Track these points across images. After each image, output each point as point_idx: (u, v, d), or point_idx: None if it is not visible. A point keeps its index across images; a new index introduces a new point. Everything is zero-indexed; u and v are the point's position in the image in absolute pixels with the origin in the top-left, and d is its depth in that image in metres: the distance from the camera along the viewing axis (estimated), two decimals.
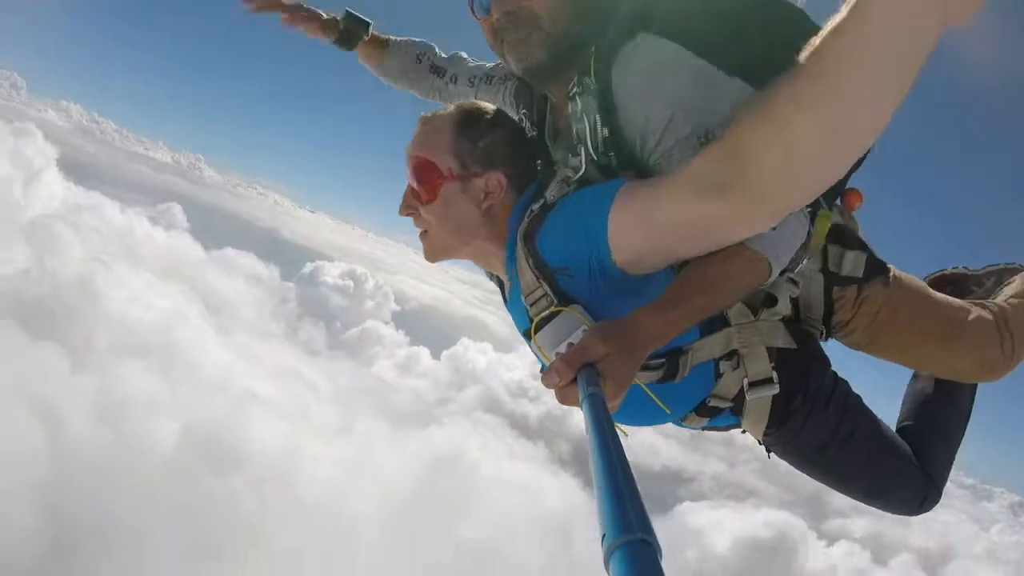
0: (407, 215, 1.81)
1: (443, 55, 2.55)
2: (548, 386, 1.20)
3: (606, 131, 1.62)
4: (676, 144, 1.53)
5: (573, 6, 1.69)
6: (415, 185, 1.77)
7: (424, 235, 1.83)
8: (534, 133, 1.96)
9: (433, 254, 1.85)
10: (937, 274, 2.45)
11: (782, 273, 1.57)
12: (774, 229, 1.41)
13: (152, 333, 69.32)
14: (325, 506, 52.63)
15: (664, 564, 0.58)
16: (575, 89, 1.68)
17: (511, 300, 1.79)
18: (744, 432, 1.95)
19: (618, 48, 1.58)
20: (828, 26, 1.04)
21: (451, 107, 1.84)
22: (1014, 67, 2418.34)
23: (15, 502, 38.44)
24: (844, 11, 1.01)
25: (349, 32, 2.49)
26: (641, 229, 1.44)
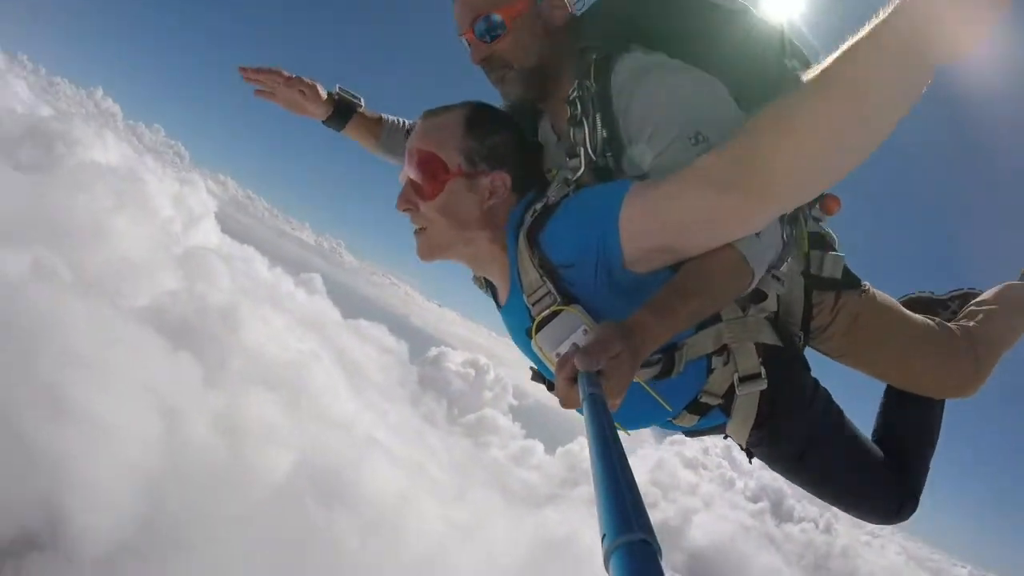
0: (405, 210, 1.72)
1: None
2: (581, 367, 1.17)
3: (605, 132, 1.64)
4: (669, 144, 1.54)
5: (535, 44, 1.76)
6: (418, 180, 1.69)
7: (421, 232, 1.73)
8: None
9: (429, 252, 1.75)
10: (904, 298, 2.46)
11: (769, 270, 1.61)
12: (758, 235, 1.43)
13: (285, 370, 68.66)
14: (429, 562, 48.36)
15: (664, 564, 0.57)
16: (575, 93, 1.69)
17: (509, 303, 1.73)
18: (727, 437, 1.88)
19: (615, 56, 1.65)
20: (840, 49, 1.15)
21: (458, 104, 1.78)
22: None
23: (121, 481, 37.55)
24: (856, 37, 1.13)
25: (344, 104, 2.37)
26: (652, 223, 1.44)
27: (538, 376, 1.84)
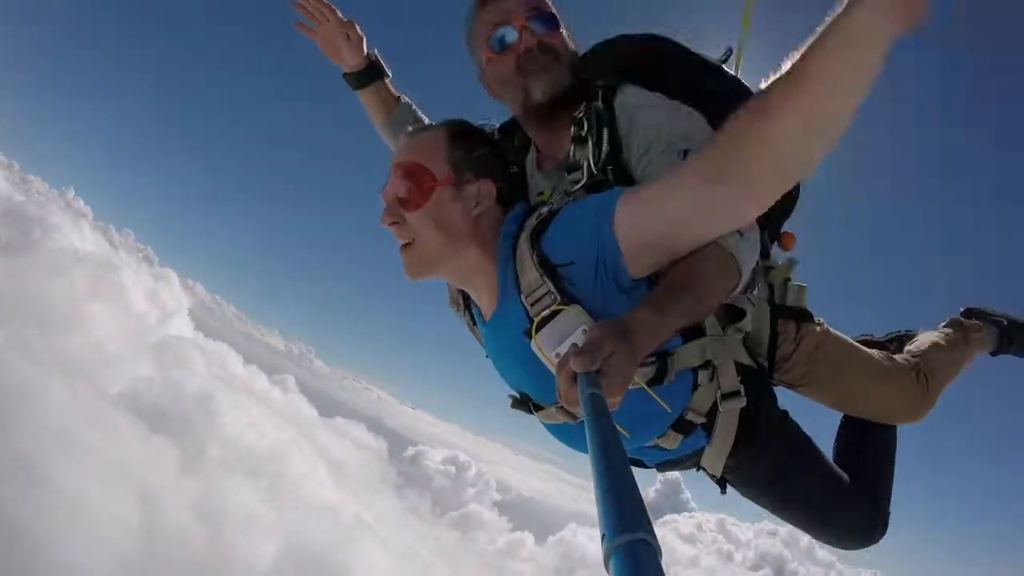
0: (390, 223, 1.67)
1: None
2: (577, 368, 1.17)
3: (608, 148, 1.74)
4: (659, 154, 1.66)
5: (574, 46, 1.90)
6: (404, 191, 1.67)
7: (407, 247, 1.68)
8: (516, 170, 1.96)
9: (416, 268, 1.70)
10: None
11: (746, 289, 1.73)
12: (741, 233, 1.49)
13: (265, 458, 65.35)
14: None
15: (664, 564, 0.56)
16: (582, 113, 1.78)
17: (498, 311, 1.69)
18: (699, 470, 1.90)
19: (619, 87, 1.82)
20: (805, 42, 1.24)
21: (440, 122, 1.81)
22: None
23: (97, 563, 35.21)
24: (819, 29, 1.22)
25: (377, 66, 2.33)
26: (645, 218, 1.47)
27: (519, 403, 1.79)
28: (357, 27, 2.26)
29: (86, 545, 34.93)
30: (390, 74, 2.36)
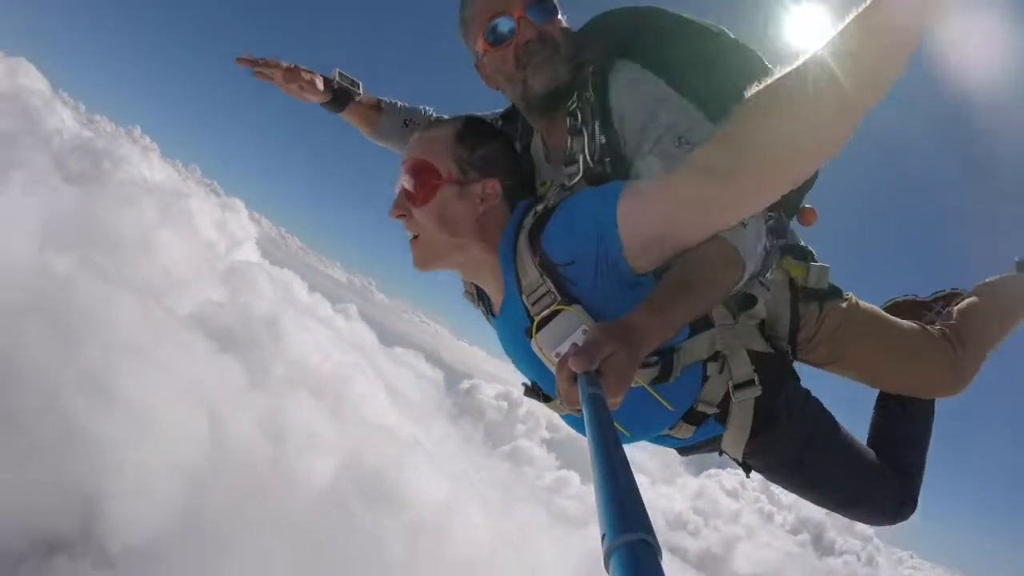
0: (398, 217, 1.72)
1: (433, 117, 2.47)
2: (575, 369, 1.17)
3: (603, 138, 1.69)
4: (655, 143, 1.60)
5: (572, 35, 1.83)
6: (410, 187, 1.70)
7: (415, 241, 1.73)
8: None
9: (424, 260, 1.74)
10: (888, 303, 2.47)
11: (756, 276, 1.65)
12: (744, 224, 1.45)
13: (328, 379, 67.40)
14: (474, 568, 44.99)
15: (664, 564, 0.57)
16: (575, 104, 1.73)
17: (504, 307, 1.69)
18: (722, 454, 1.86)
19: (610, 68, 1.73)
20: (832, 28, 1.17)
21: (452, 119, 1.83)
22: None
23: (163, 473, 36.43)
24: (848, 18, 1.15)
25: (342, 92, 2.35)
26: (647, 212, 1.44)
27: (531, 392, 1.79)
28: (302, 71, 2.23)
29: (155, 455, 36.63)
30: (360, 88, 2.36)
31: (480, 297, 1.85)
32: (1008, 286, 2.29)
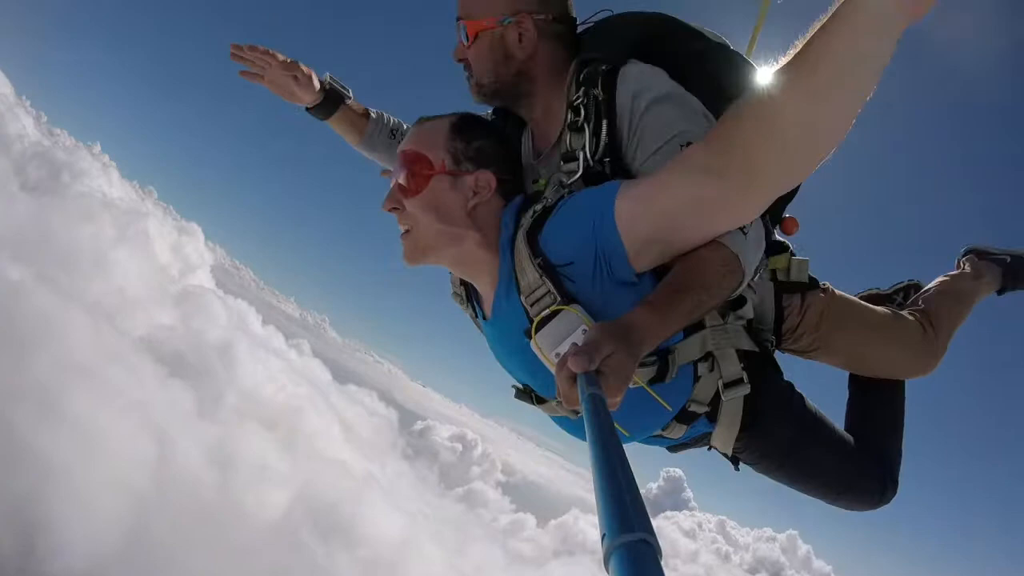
0: (390, 209, 1.71)
1: None
2: (575, 369, 1.16)
3: (607, 138, 1.67)
4: (660, 147, 1.59)
5: (491, 64, 1.81)
6: (403, 179, 1.69)
7: (407, 235, 1.71)
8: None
9: (415, 253, 1.71)
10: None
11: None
12: (745, 234, 1.45)
13: (280, 411, 64.94)
14: None
15: (664, 564, 0.55)
16: (580, 99, 1.70)
17: (497, 307, 1.68)
18: (710, 448, 1.90)
19: (621, 68, 1.68)
20: (813, 27, 1.15)
21: (449, 113, 1.81)
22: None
23: (108, 495, 34.55)
24: (828, 13, 1.13)
25: (334, 93, 2.26)
26: (643, 213, 1.43)
27: (523, 394, 1.78)
28: (302, 65, 2.18)
29: (99, 476, 34.67)
30: (351, 94, 2.29)
31: (469, 298, 1.84)
32: (961, 278, 2.40)
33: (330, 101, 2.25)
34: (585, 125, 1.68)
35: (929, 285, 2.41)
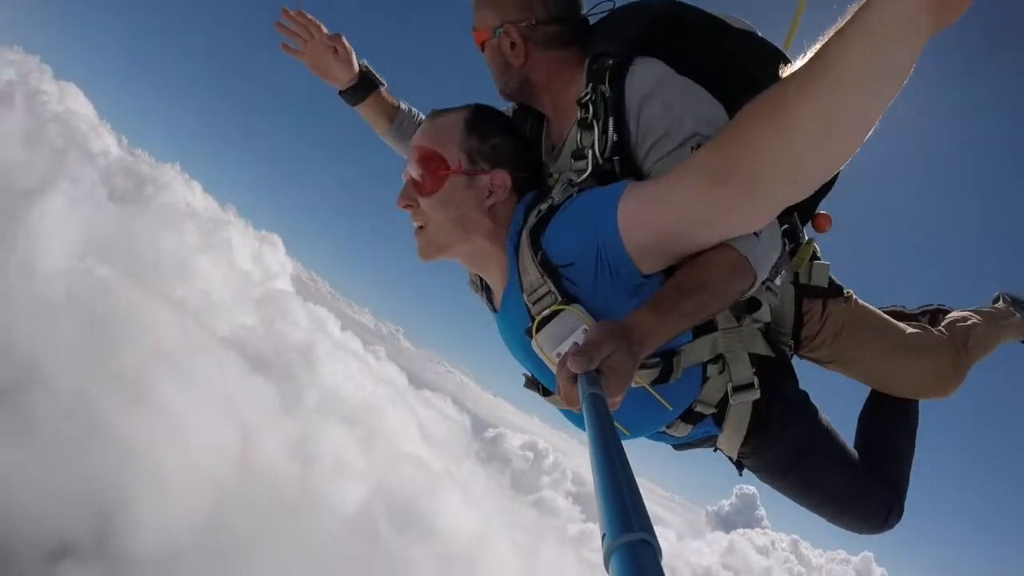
0: (405, 206, 1.69)
1: None
2: (575, 369, 1.15)
3: (615, 136, 1.64)
4: (672, 149, 1.56)
5: (497, 70, 1.82)
6: (417, 176, 1.66)
7: (421, 231, 1.70)
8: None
9: (429, 251, 1.70)
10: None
11: (766, 280, 1.65)
12: (757, 236, 1.42)
13: (360, 409, 65.60)
14: None
15: (664, 564, 0.56)
16: (588, 96, 1.67)
17: (505, 303, 1.68)
18: (716, 450, 1.87)
19: (630, 63, 1.65)
20: (831, 30, 1.08)
21: (463, 106, 1.79)
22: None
23: (191, 487, 34.79)
24: (847, 15, 1.06)
25: (369, 77, 2.23)
26: (648, 216, 1.40)
27: (532, 383, 1.76)
28: (344, 40, 2.14)
29: (181, 464, 35.23)
30: (385, 83, 2.26)
31: (483, 287, 1.81)
32: (996, 313, 2.32)
33: (363, 86, 2.17)
34: (594, 123, 1.64)
35: (956, 312, 2.36)
